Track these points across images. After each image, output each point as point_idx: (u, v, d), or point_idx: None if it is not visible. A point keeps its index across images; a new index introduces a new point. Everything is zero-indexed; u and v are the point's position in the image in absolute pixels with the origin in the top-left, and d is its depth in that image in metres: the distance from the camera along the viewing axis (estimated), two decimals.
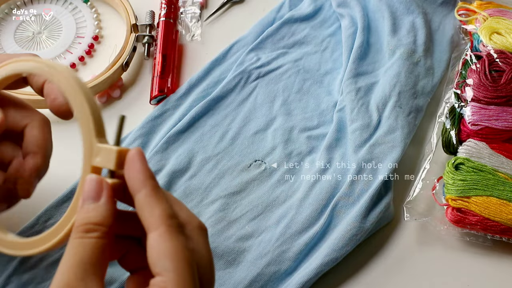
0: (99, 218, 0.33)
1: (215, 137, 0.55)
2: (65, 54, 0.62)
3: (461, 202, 0.49)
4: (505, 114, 0.52)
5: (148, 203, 0.32)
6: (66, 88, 0.36)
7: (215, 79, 0.59)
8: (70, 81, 0.36)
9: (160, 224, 0.32)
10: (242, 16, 0.66)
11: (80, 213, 0.33)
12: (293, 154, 0.54)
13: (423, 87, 0.58)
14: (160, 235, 0.32)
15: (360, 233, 0.48)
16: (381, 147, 0.53)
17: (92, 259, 0.32)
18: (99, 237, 0.32)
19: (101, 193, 0.33)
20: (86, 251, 0.32)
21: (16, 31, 0.63)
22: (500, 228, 0.48)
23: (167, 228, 0.32)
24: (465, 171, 0.50)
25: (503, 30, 0.57)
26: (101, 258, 0.32)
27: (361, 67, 0.59)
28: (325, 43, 0.63)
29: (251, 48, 0.61)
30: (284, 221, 0.50)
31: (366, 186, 0.51)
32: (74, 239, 0.32)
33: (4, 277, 0.47)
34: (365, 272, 0.49)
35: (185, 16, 0.66)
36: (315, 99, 0.58)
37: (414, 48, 0.59)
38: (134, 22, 0.62)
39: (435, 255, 0.50)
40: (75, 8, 0.65)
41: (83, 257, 0.32)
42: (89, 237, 0.32)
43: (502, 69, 0.54)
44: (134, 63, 0.62)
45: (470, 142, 0.51)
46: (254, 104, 0.58)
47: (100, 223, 0.33)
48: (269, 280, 0.47)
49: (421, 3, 0.63)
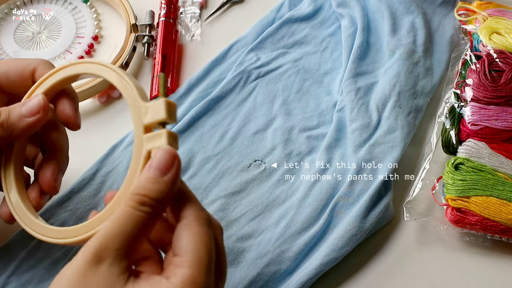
0: (157, 194, 0.33)
1: (214, 137, 0.55)
2: (64, 54, 0.62)
3: (461, 202, 0.49)
4: (505, 114, 0.52)
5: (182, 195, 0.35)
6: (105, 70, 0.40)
7: (214, 79, 0.59)
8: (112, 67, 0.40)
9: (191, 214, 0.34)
10: (242, 16, 0.66)
11: (141, 180, 0.34)
12: (292, 154, 0.54)
13: (423, 87, 0.58)
14: (189, 223, 0.34)
15: (359, 233, 0.48)
16: (380, 147, 0.53)
17: (136, 234, 0.33)
18: (151, 214, 0.33)
19: (170, 169, 0.34)
20: (132, 224, 0.33)
21: (16, 31, 0.63)
22: (499, 228, 0.48)
23: (197, 218, 0.34)
24: (464, 171, 0.50)
25: (503, 30, 0.57)
26: (143, 236, 0.34)
27: (361, 67, 0.59)
28: (325, 43, 0.63)
29: (250, 48, 0.61)
30: (284, 221, 0.50)
31: (365, 186, 0.51)
32: (127, 207, 0.33)
33: (4, 277, 0.47)
34: (364, 272, 0.49)
35: (185, 16, 0.66)
36: (314, 99, 0.58)
37: (413, 48, 0.59)
38: (134, 22, 0.62)
39: (435, 255, 0.50)
40: (74, 8, 0.65)
41: (128, 229, 0.32)
42: (141, 211, 0.33)
43: (502, 69, 0.54)
44: (134, 63, 0.62)
45: (470, 142, 0.51)
46: (253, 104, 0.58)
47: (157, 200, 0.33)
48: (269, 280, 0.47)
49: (421, 3, 0.63)
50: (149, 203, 0.33)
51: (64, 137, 0.45)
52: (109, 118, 0.58)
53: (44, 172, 0.43)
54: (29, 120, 0.40)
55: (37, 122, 0.41)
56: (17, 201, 0.42)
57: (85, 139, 0.49)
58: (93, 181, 0.52)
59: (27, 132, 0.41)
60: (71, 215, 0.50)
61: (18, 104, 0.41)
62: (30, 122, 0.40)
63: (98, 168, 0.53)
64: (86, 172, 0.52)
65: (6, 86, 0.43)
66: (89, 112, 0.58)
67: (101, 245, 0.32)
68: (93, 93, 0.58)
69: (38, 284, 0.47)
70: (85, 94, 0.57)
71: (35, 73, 0.43)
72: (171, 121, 0.36)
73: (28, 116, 0.40)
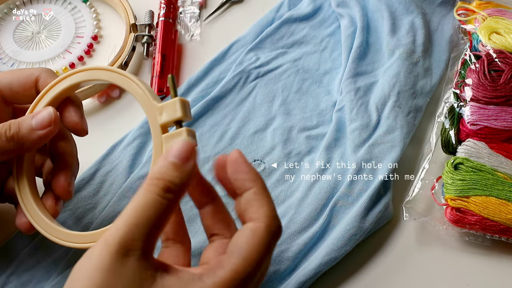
0: (180, 180, 0.32)
1: (214, 137, 0.55)
2: (64, 54, 0.62)
3: (460, 202, 0.49)
4: (504, 114, 0.52)
5: (258, 200, 0.34)
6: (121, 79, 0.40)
7: (214, 79, 0.59)
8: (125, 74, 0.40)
9: (263, 221, 0.33)
10: (241, 16, 0.66)
11: (164, 167, 0.32)
12: (292, 154, 0.54)
13: (422, 87, 0.58)
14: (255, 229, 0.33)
15: (359, 233, 0.48)
16: (380, 147, 0.53)
17: (162, 218, 0.31)
18: (174, 201, 0.32)
19: (191, 158, 0.33)
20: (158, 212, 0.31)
21: (15, 31, 0.63)
22: (499, 227, 0.48)
23: (267, 226, 0.33)
24: (464, 171, 0.50)
25: (502, 30, 0.57)
26: (165, 223, 0.32)
27: (360, 67, 0.59)
28: (324, 43, 0.63)
29: (250, 48, 0.61)
30: (283, 220, 0.50)
31: (365, 186, 0.51)
32: (152, 194, 0.31)
33: (3, 276, 0.47)
34: (364, 271, 0.49)
35: (184, 16, 0.66)
36: (314, 98, 0.58)
37: (413, 48, 0.59)
38: (133, 21, 0.62)
39: (434, 255, 0.50)
40: (74, 8, 0.65)
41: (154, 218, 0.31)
42: (165, 198, 0.31)
43: (501, 68, 0.54)
44: (133, 63, 0.62)
45: (469, 142, 0.51)
46: (253, 104, 0.58)
47: (180, 187, 0.32)
48: (268, 280, 0.47)
49: (420, 3, 0.63)
50: (174, 190, 0.32)
51: (73, 143, 0.45)
52: (109, 118, 0.58)
53: (57, 178, 0.43)
54: (40, 133, 0.40)
55: (48, 135, 0.40)
56: (35, 210, 0.42)
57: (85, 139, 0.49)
58: (92, 181, 0.52)
59: (37, 145, 0.41)
60: (70, 215, 0.50)
61: (28, 116, 0.41)
62: (41, 135, 0.40)
63: (98, 168, 0.53)
64: (86, 172, 0.52)
65: (10, 98, 0.43)
66: (89, 112, 0.58)
67: (127, 235, 0.29)
68: (92, 93, 0.58)
69: (37, 284, 0.47)
70: (85, 94, 0.57)
71: (38, 82, 0.43)
72: (187, 119, 0.37)
73: (39, 129, 0.40)
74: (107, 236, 0.30)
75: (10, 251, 0.48)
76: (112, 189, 0.52)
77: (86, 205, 0.51)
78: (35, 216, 0.42)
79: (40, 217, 0.42)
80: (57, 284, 0.46)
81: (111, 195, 0.51)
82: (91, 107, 0.59)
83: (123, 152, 0.54)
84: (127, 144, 0.54)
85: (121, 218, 0.30)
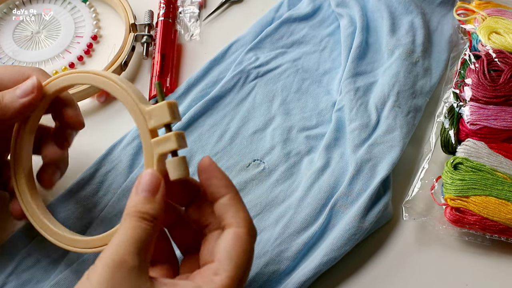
0: (154, 211, 0.36)
1: (213, 136, 0.55)
2: (64, 54, 0.62)
3: (460, 201, 0.49)
4: (504, 113, 0.52)
5: (234, 205, 0.37)
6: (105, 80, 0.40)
7: (213, 79, 0.59)
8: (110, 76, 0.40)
9: (243, 226, 0.36)
10: (241, 16, 0.66)
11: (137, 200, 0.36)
12: (292, 153, 0.54)
13: (422, 87, 0.58)
14: (238, 234, 0.36)
15: (359, 233, 0.48)
16: (380, 147, 0.53)
17: (146, 240, 0.35)
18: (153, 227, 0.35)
19: (158, 189, 0.36)
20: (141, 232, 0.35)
21: (15, 31, 0.63)
22: (498, 227, 0.48)
23: (248, 230, 0.36)
24: (463, 171, 0.50)
25: (502, 30, 0.57)
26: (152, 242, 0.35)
27: (360, 67, 0.59)
28: (323, 42, 0.63)
29: (249, 47, 0.61)
30: (283, 220, 0.50)
31: (365, 185, 0.51)
32: (133, 219, 0.35)
33: (3, 276, 0.47)
34: (363, 271, 0.49)
35: (184, 16, 0.66)
36: (313, 98, 0.58)
37: (412, 48, 0.59)
38: (133, 21, 0.62)
39: (434, 255, 0.50)
40: (73, 8, 0.65)
41: (140, 236, 0.34)
42: (145, 223, 0.35)
43: (501, 68, 0.54)
44: (133, 62, 0.62)
45: (469, 141, 0.51)
46: (252, 103, 0.58)
47: (155, 217, 0.36)
48: (268, 280, 0.47)
49: (420, 3, 0.63)
50: (150, 219, 0.35)
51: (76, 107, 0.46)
52: (108, 117, 0.58)
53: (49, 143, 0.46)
54: (23, 101, 0.41)
55: (31, 102, 0.42)
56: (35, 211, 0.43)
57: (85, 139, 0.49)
58: (92, 181, 0.52)
59: (21, 113, 0.42)
60: (70, 214, 0.50)
61: (13, 88, 0.42)
62: (24, 102, 0.42)
63: (97, 168, 0.53)
64: (85, 171, 0.52)
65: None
66: (88, 112, 0.58)
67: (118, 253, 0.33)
68: (91, 93, 0.58)
69: (37, 284, 0.47)
70: (84, 94, 0.57)
71: None
72: (176, 121, 0.37)
73: (22, 97, 0.41)
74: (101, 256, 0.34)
75: (10, 251, 0.48)
76: (112, 188, 0.52)
77: (86, 205, 0.51)
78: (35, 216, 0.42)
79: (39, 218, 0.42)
80: (56, 284, 0.46)
81: (111, 194, 0.51)
82: (91, 107, 0.59)
83: (122, 152, 0.54)
84: (127, 144, 0.54)
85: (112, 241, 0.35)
